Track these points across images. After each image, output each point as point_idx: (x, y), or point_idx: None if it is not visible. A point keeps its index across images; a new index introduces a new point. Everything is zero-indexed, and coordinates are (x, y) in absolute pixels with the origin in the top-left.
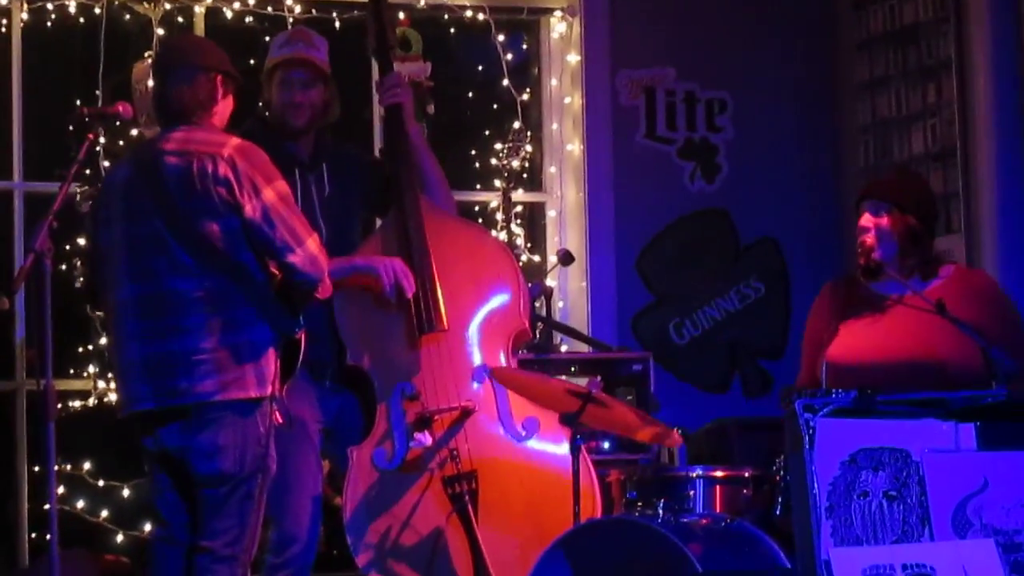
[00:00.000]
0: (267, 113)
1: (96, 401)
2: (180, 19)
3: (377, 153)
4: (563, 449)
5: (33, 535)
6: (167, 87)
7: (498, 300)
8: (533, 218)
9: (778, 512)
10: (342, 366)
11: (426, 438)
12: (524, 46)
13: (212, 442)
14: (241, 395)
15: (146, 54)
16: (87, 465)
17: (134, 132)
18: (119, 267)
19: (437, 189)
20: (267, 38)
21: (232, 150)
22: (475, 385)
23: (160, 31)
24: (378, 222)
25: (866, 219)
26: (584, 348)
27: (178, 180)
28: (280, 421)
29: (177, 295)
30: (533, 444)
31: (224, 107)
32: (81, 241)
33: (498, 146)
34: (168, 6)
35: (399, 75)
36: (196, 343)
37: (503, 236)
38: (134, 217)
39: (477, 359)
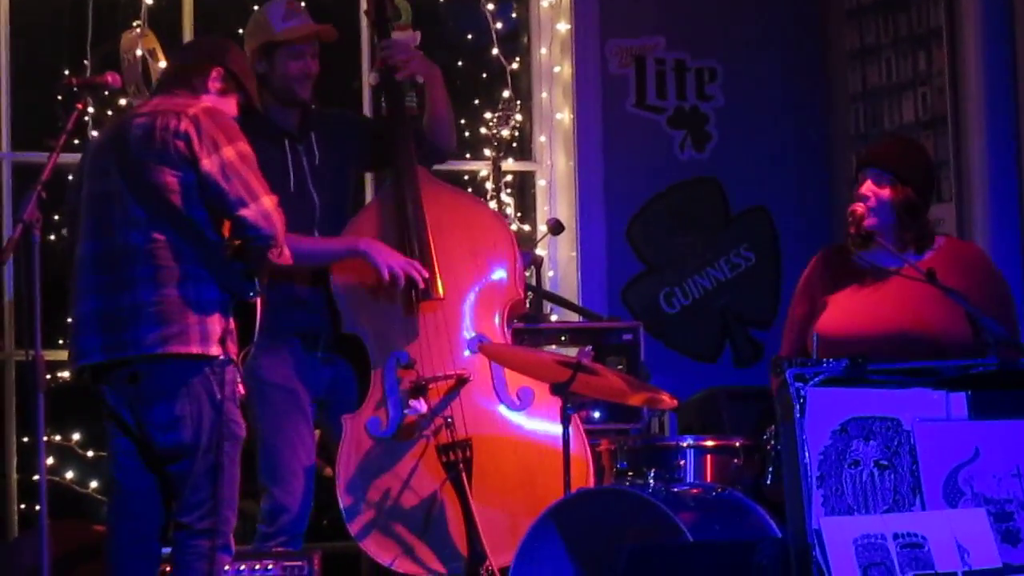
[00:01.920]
0: (263, 85)
1: None
2: None
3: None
4: (558, 419)
5: (23, 506)
6: (170, 61)
7: (494, 270)
8: (523, 187)
9: (769, 481)
10: (336, 336)
11: (421, 405)
12: (514, 15)
13: (168, 413)
14: (182, 350)
15: (134, 23)
16: (76, 436)
17: (123, 102)
18: (84, 223)
19: (441, 127)
20: (255, 7)
21: (198, 110)
22: (469, 354)
23: (149, 1)
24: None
25: (867, 187)
26: (574, 317)
27: (140, 137)
28: (242, 392)
29: (128, 248)
30: (528, 414)
31: (220, 102)
32: None
33: (488, 115)
34: None
35: (406, 43)
36: (142, 295)
37: (493, 205)
38: (96, 175)
39: (473, 328)
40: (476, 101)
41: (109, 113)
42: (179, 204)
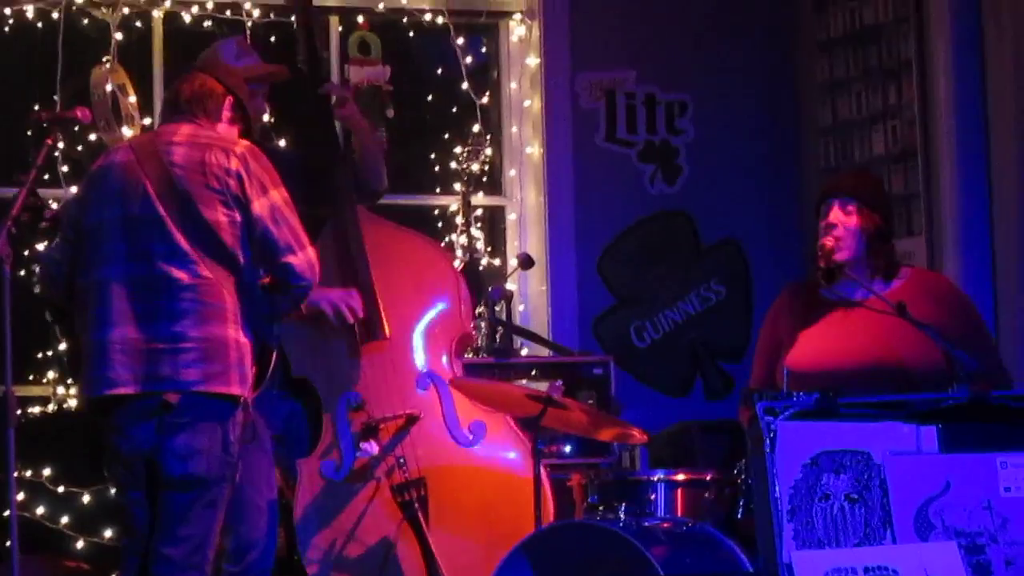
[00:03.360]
0: None
1: (56, 407)
2: (138, 23)
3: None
4: (511, 451)
5: None
6: (187, 78)
7: (439, 305)
8: (493, 222)
9: (740, 515)
10: (287, 374)
11: (372, 447)
12: (483, 49)
13: (188, 444)
14: (223, 390)
15: (104, 59)
16: (47, 471)
17: (92, 137)
18: (110, 247)
19: (369, 165)
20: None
21: (244, 148)
22: (420, 391)
23: (118, 35)
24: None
25: (835, 214)
26: (545, 352)
27: (188, 168)
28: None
29: (170, 280)
30: (481, 448)
31: (228, 131)
32: (40, 247)
33: (458, 149)
34: (126, 11)
35: (341, 84)
36: (184, 330)
37: (463, 240)
38: (131, 199)
39: (421, 365)
40: (446, 135)
41: (79, 148)
42: (228, 242)
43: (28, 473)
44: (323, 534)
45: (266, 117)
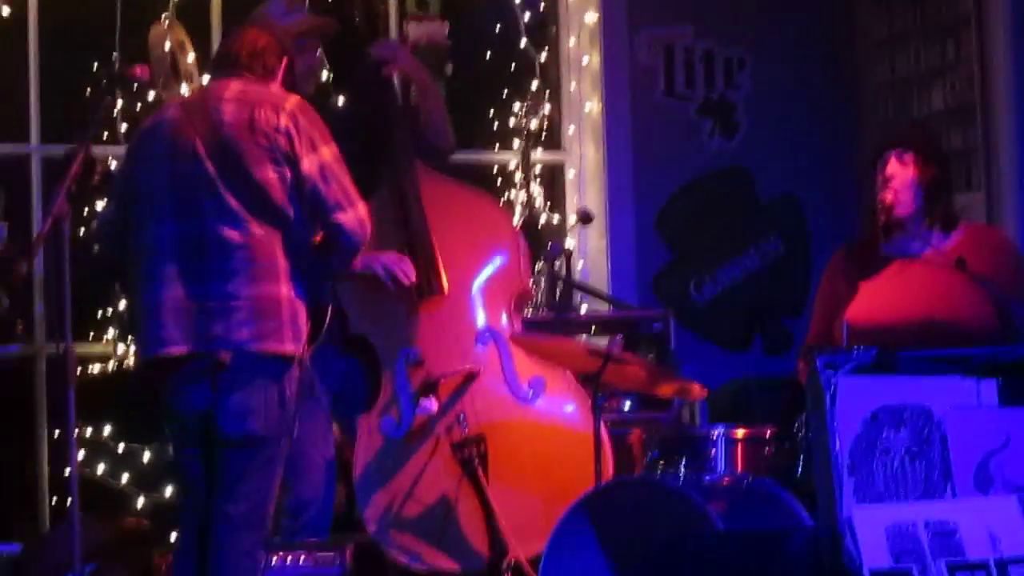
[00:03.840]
0: None
1: (116, 365)
2: None
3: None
4: (571, 407)
5: (54, 500)
6: (242, 34)
7: (497, 261)
8: (552, 178)
9: (800, 471)
10: (344, 331)
11: (432, 404)
12: (542, 5)
13: (243, 402)
14: (277, 348)
15: (163, 16)
16: (107, 429)
17: (151, 95)
18: (160, 206)
19: (435, 126)
20: None
21: (294, 105)
22: (479, 347)
23: None
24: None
25: (892, 166)
26: (604, 307)
27: (238, 126)
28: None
29: (221, 239)
30: (540, 403)
31: (280, 89)
32: (99, 205)
33: (516, 106)
34: None
35: (389, 42)
36: (236, 289)
37: (522, 196)
38: (181, 158)
39: (480, 321)
40: (505, 92)
41: (138, 107)
42: (278, 200)
43: (89, 431)
44: (382, 491)
45: (324, 74)
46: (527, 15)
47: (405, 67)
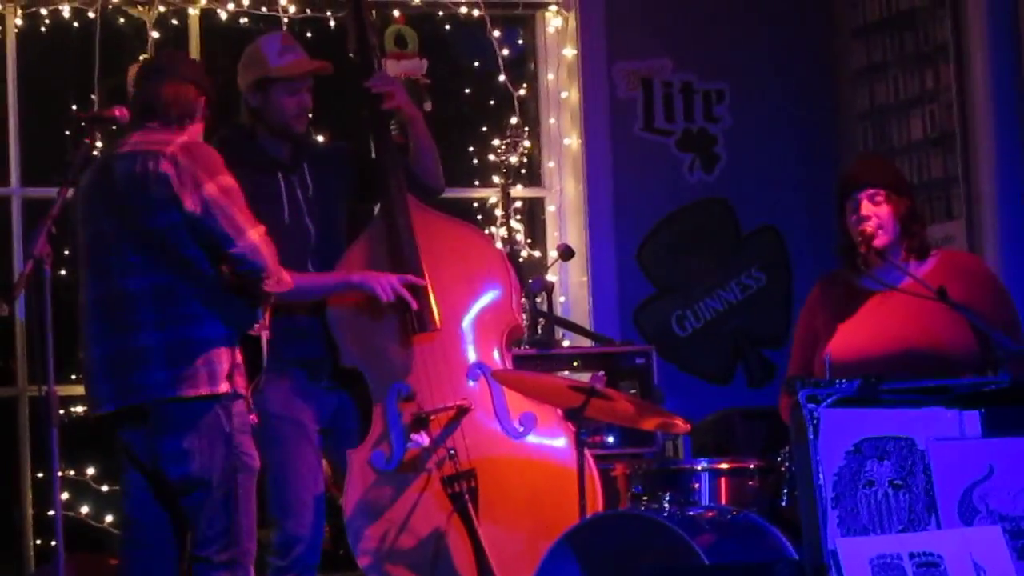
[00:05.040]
0: (258, 119)
1: None
2: (175, 22)
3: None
4: (561, 443)
5: (38, 541)
6: (150, 83)
7: (489, 296)
8: (533, 213)
9: (784, 502)
10: (337, 365)
11: (423, 438)
12: (520, 41)
13: (176, 446)
14: (192, 392)
15: (141, 57)
16: (91, 470)
17: None
18: (84, 268)
19: (427, 164)
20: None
21: (176, 147)
22: (470, 383)
23: (155, 34)
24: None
25: (865, 207)
26: (586, 342)
27: (125, 180)
28: (255, 420)
29: (127, 293)
30: (531, 439)
31: (196, 130)
32: None
33: (496, 142)
34: (162, 9)
35: (387, 76)
36: (146, 339)
37: (503, 232)
38: (90, 220)
39: (471, 357)
40: (484, 128)
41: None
42: (172, 245)
43: (72, 472)
44: (375, 525)
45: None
46: (505, 51)
47: (402, 103)
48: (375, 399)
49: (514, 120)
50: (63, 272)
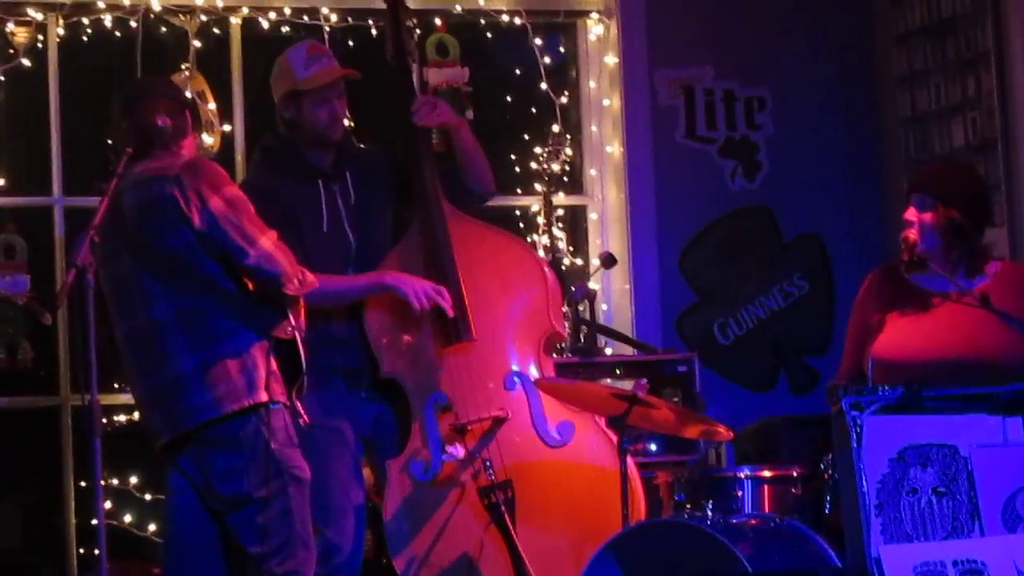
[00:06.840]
0: (294, 130)
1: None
2: (216, 31)
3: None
4: (600, 450)
5: (81, 550)
6: (137, 114)
7: (526, 304)
8: (575, 221)
9: (827, 510)
10: (376, 375)
11: (458, 451)
12: (561, 48)
13: (226, 461)
14: (235, 407)
15: (183, 66)
16: (134, 479)
17: None
18: (113, 307)
19: (475, 170)
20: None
21: (179, 169)
22: (508, 392)
23: (196, 43)
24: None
25: (910, 213)
26: (629, 350)
27: (135, 211)
28: (307, 422)
29: (154, 324)
30: (569, 448)
31: (191, 144)
32: None
33: (538, 149)
34: (204, 18)
35: (428, 99)
36: (182, 367)
37: (545, 240)
38: (110, 258)
39: (508, 366)
40: (526, 136)
41: None
42: (191, 264)
43: (115, 481)
44: (413, 535)
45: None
46: (547, 59)
47: (447, 118)
48: (413, 408)
49: (556, 128)
50: None
